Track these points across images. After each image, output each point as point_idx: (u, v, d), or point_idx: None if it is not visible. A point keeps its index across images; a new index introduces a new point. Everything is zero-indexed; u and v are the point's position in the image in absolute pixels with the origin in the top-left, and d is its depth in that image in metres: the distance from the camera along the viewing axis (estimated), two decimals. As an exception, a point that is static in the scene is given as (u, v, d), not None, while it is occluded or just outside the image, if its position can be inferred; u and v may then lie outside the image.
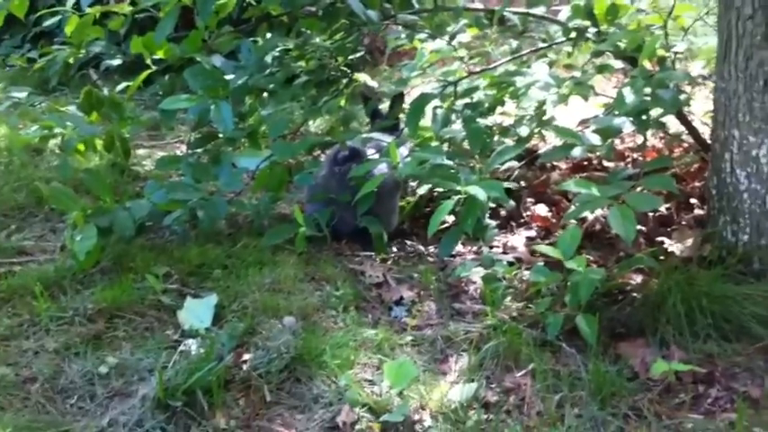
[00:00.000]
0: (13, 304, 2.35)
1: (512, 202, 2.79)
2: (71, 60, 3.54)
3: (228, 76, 2.96)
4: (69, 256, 2.54)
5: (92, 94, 3.38)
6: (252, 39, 3.24)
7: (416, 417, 1.91)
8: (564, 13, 3.07)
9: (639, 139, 3.19)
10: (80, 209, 2.57)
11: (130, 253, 2.57)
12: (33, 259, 2.65)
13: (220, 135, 2.98)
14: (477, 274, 2.45)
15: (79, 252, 2.43)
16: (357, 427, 1.88)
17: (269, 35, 3.34)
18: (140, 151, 3.67)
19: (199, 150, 3.04)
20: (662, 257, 2.40)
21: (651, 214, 2.67)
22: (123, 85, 3.55)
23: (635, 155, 3.16)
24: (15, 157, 3.44)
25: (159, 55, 3.19)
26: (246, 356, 2.10)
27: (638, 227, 2.17)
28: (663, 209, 2.69)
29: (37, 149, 3.55)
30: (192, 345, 2.14)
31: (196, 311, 2.29)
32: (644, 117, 2.57)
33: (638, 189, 2.26)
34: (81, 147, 3.23)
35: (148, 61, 3.22)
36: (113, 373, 2.07)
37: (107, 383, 2.04)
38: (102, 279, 2.47)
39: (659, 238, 2.56)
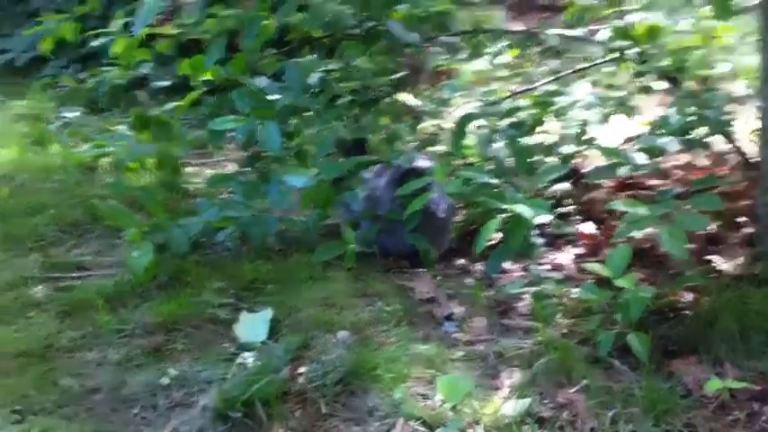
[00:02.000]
0: (75, 317, 2.42)
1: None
2: (119, 81, 3.62)
3: (273, 97, 3.03)
4: (127, 271, 2.61)
5: (142, 114, 3.47)
6: (295, 60, 3.30)
7: (470, 431, 1.94)
8: (603, 33, 3.12)
9: (684, 158, 3.20)
10: (136, 226, 2.65)
11: (185, 268, 2.64)
12: (92, 274, 2.73)
13: (268, 154, 3.05)
14: (526, 291, 2.48)
15: (137, 267, 2.50)
16: (412, 440, 1.91)
17: (311, 57, 3.40)
18: (189, 169, 3.75)
19: (248, 169, 3.11)
20: (712, 276, 2.41)
21: (700, 233, 2.68)
22: (170, 105, 3.64)
23: (681, 173, 3.18)
24: (70, 175, 3.54)
25: (206, 77, 3.27)
26: (302, 369, 2.14)
27: (688, 245, 2.18)
28: (712, 227, 2.70)
29: (90, 167, 3.64)
30: (248, 358, 2.19)
31: (252, 325, 2.34)
32: (690, 136, 2.60)
33: (687, 208, 2.28)
34: (133, 165, 3.32)
35: (195, 83, 3.30)
36: (174, 384, 2.11)
37: (168, 394, 2.08)
38: (160, 293, 2.53)
39: (708, 257, 2.58)
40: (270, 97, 3.00)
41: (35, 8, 5.72)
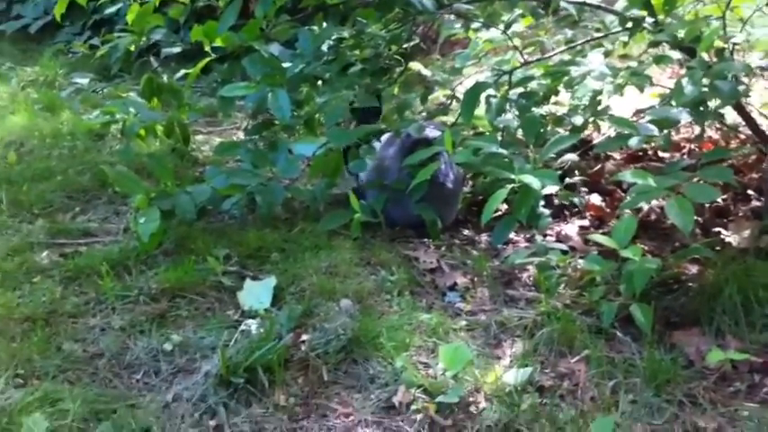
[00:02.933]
0: (79, 283, 2.43)
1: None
2: (132, 48, 3.61)
3: (285, 64, 3.01)
4: (133, 238, 2.63)
5: (152, 80, 3.47)
6: (308, 27, 3.28)
7: (471, 399, 1.95)
8: (620, 2, 3.06)
9: (695, 130, 3.17)
10: (143, 192, 2.65)
11: (191, 235, 2.65)
12: (98, 240, 2.73)
13: (277, 122, 3.04)
14: (530, 261, 2.47)
15: (143, 234, 2.51)
16: (413, 407, 1.92)
17: (324, 24, 3.38)
18: (198, 137, 3.75)
19: (256, 137, 3.11)
20: (718, 248, 2.40)
21: (707, 205, 2.66)
22: (182, 72, 3.63)
23: (691, 146, 3.15)
24: (79, 142, 3.55)
25: (218, 43, 3.25)
26: (305, 337, 2.15)
27: (695, 217, 2.17)
28: (719, 200, 2.68)
29: (99, 134, 3.65)
30: (252, 325, 2.20)
31: (255, 293, 2.35)
32: (702, 108, 2.56)
33: (696, 180, 2.26)
34: (142, 132, 3.33)
35: (207, 49, 3.29)
36: (177, 350, 2.13)
37: (171, 360, 2.10)
38: (165, 260, 2.54)
39: (715, 229, 2.55)
40: (282, 65, 2.99)
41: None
